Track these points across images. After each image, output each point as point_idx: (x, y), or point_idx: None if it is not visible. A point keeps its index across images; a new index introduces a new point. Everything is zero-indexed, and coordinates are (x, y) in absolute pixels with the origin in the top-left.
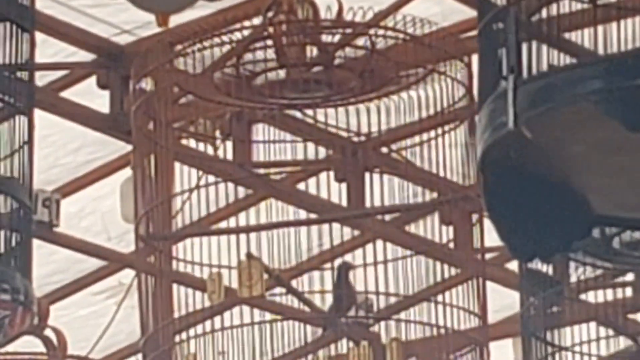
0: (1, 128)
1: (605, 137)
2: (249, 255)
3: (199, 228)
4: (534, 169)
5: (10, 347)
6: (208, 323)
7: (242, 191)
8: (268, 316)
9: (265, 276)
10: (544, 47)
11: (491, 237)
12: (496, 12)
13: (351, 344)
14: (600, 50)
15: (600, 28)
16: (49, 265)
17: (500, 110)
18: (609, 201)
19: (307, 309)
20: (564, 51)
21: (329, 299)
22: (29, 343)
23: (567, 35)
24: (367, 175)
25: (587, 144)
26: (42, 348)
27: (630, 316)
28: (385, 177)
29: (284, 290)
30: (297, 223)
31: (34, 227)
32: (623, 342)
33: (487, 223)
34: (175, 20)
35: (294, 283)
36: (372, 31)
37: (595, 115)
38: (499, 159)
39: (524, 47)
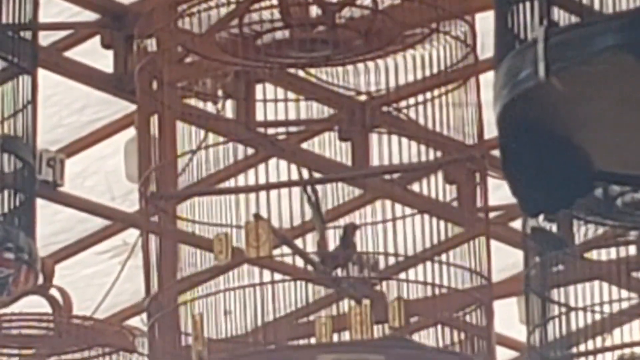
0: (5, 88)
1: (633, 92)
2: (257, 216)
3: (204, 187)
4: (549, 124)
5: (16, 307)
6: (214, 283)
7: (246, 150)
8: (274, 276)
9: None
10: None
11: (495, 196)
12: None
13: (353, 303)
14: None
15: None
16: (53, 224)
17: (520, 65)
18: (620, 158)
19: (311, 268)
20: (569, 10)
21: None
22: (34, 303)
23: None
24: (371, 134)
25: (611, 98)
26: (47, 308)
27: (634, 274)
28: (389, 136)
29: (289, 250)
30: (302, 183)
31: (38, 186)
32: (627, 301)
33: (491, 182)
34: None
35: (298, 243)
36: None
37: (625, 68)
38: (518, 114)
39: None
